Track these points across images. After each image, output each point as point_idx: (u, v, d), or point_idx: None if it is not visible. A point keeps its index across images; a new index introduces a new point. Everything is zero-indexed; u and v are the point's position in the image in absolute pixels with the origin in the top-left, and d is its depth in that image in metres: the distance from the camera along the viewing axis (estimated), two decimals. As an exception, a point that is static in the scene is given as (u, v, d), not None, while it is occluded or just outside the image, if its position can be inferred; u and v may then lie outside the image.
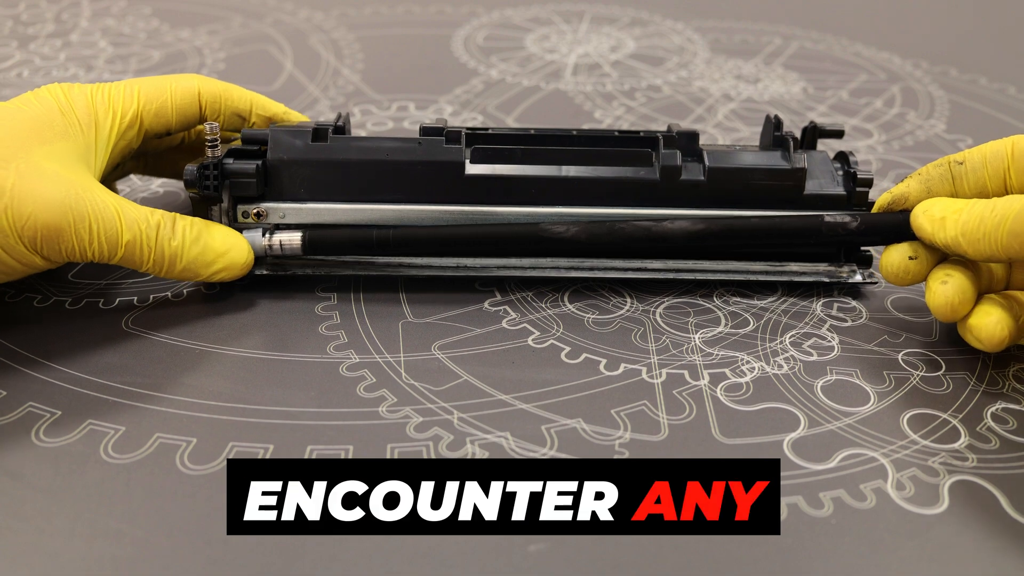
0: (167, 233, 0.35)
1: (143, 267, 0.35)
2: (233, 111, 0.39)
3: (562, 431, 0.32)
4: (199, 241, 0.36)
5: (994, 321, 0.33)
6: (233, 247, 0.37)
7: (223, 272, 0.37)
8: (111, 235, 0.33)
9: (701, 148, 0.40)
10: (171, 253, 0.35)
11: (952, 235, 0.33)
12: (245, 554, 0.27)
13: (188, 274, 0.36)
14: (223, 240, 0.36)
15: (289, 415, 0.32)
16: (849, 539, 0.28)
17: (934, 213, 0.34)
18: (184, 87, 0.38)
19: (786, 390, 0.35)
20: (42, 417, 0.32)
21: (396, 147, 0.39)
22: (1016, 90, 0.66)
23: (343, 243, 0.38)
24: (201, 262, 0.36)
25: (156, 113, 0.38)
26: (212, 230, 0.36)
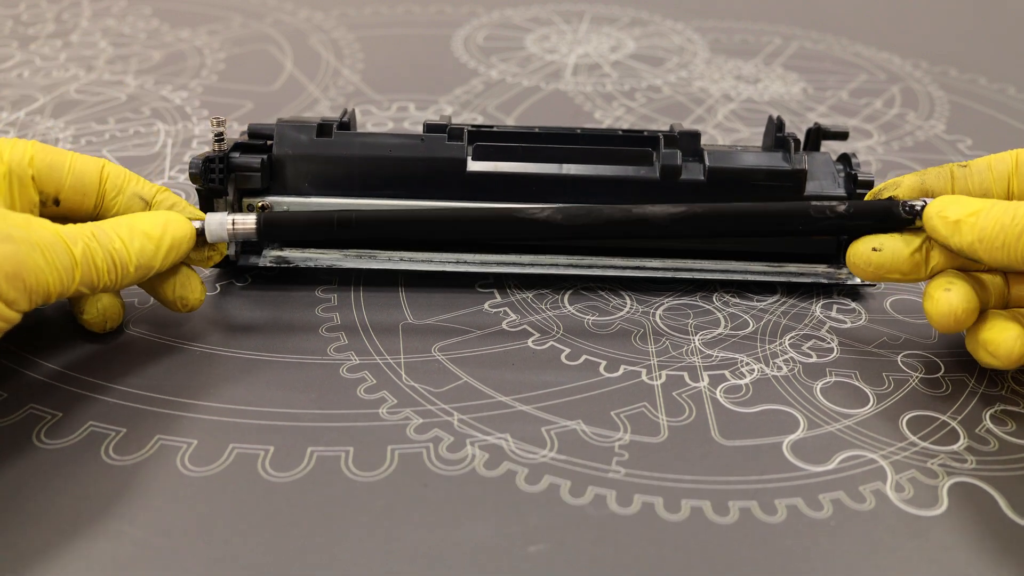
0: (105, 238, 0.31)
1: (100, 283, 0.31)
2: (135, 192, 0.35)
3: (562, 433, 0.32)
4: (135, 234, 0.32)
5: (1013, 337, 0.32)
6: (168, 224, 0.33)
7: (172, 252, 0.33)
8: (64, 259, 0.29)
9: (702, 148, 0.40)
10: (119, 255, 0.31)
11: (968, 241, 0.31)
12: (245, 554, 0.27)
13: (142, 271, 0.32)
14: (154, 223, 0.33)
15: (290, 416, 0.32)
16: (848, 541, 0.28)
17: (948, 215, 0.32)
18: (87, 157, 0.34)
19: (785, 392, 0.35)
20: (43, 419, 0.32)
21: (399, 143, 0.39)
22: (1016, 90, 0.66)
23: (300, 226, 0.36)
24: (146, 253, 0.32)
25: (50, 165, 0.33)
26: (141, 219, 0.33)
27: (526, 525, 0.28)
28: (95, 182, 0.34)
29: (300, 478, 0.30)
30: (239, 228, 0.35)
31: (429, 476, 0.30)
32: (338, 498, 0.29)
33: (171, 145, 0.53)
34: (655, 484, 0.30)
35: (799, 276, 0.41)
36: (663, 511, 0.29)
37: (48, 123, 0.55)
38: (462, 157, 0.39)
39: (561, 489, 0.30)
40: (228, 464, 0.30)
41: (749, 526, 0.28)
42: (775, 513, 0.29)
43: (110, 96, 0.60)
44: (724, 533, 0.28)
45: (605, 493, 0.29)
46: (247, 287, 0.40)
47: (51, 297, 0.29)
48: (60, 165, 0.33)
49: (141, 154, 0.52)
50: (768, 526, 0.29)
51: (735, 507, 0.29)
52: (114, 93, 0.60)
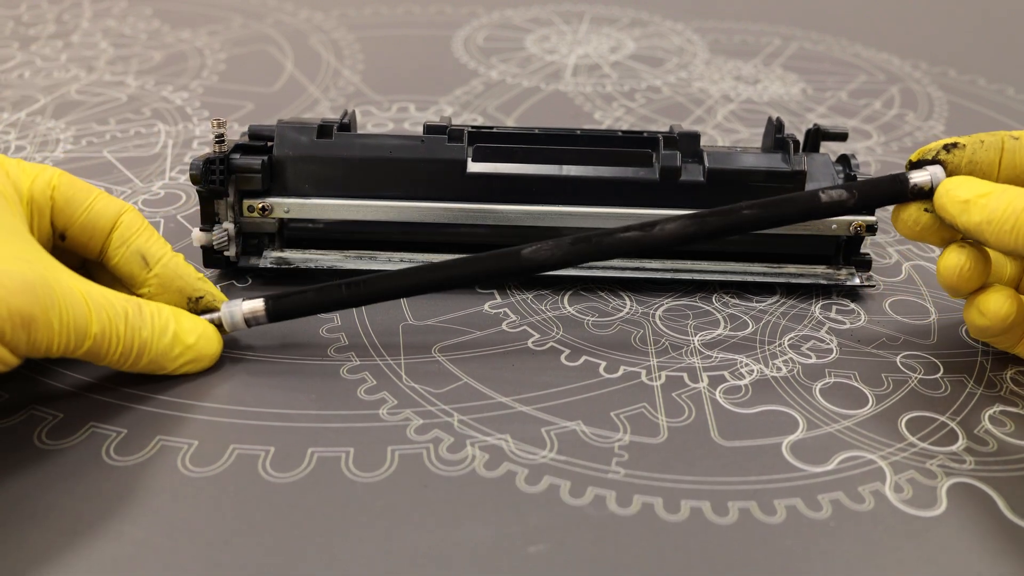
0: (136, 323, 0.31)
1: (106, 359, 0.30)
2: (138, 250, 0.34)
3: (562, 433, 0.32)
4: (167, 331, 0.32)
5: (1002, 296, 0.32)
6: (202, 337, 0.33)
7: (191, 364, 0.33)
8: (80, 325, 0.28)
9: (702, 149, 0.40)
10: (139, 345, 0.31)
11: (976, 221, 0.31)
12: (245, 555, 0.27)
13: (154, 366, 0.32)
14: (191, 330, 0.33)
15: (290, 417, 0.32)
16: (847, 541, 0.28)
17: (958, 195, 0.32)
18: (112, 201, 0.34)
19: (785, 393, 0.35)
20: (44, 420, 0.32)
21: (399, 144, 0.40)
22: (1015, 91, 0.66)
23: (307, 304, 0.35)
24: (169, 355, 0.32)
25: (68, 200, 0.33)
26: (181, 318, 0.33)
27: (526, 526, 0.28)
28: (105, 230, 0.33)
29: (300, 479, 0.30)
30: (248, 315, 0.34)
31: (429, 477, 0.30)
32: (338, 499, 0.29)
33: (172, 146, 0.53)
34: (655, 485, 0.30)
35: (798, 277, 0.41)
36: (663, 512, 0.29)
37: (49, 124, 0.55)
38: (462, 158, 0.39)
39: (561, 490, 0.30)
40: (229, 465, 0.30)
41: (748, 526, 0.29)
42: (774, 514, 0.29)
43: (111, 97, 0.60)
44: (723, 533, 0.28)
45: (605, 494, 0.30)
46: (247, 288, 0.40)
47: (51, 354, 0.29)
48: (78, 203, 0.33)
49: (141, 155, 0.52)
50: (767, 526, 0.29)
51: (734, 507, 0.29)
52: (115, 94, 0.60)
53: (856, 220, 0.39)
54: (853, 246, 0.41)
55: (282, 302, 0.35)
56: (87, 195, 0.33)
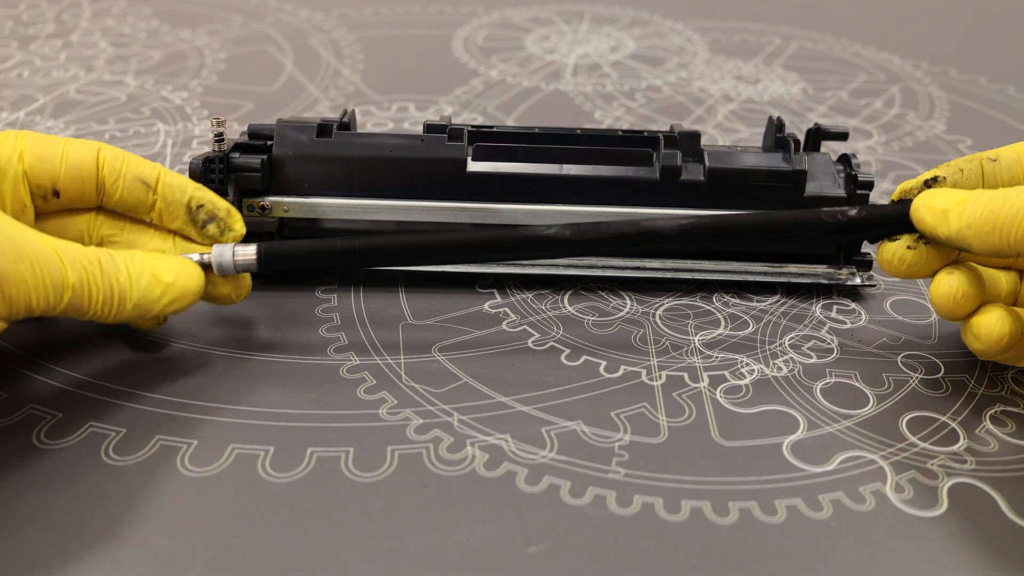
0: (111, 268, 0.30)
1: (90, 311, 0.30)
2: (136, 176, 0.34)
3: (562, 433, 0.32)
4: (143, 273, 0.31)
5: (995, 318, 0.32)
6: (180, 274, 0.32)
7: (176, 302, 0.32)
8: (55, 277, 0.28)
9: (702, 149, 0.40)
10: (119, 290, 0.30)
11: (956, 228, 0.31)
12: (245, 555, 0.27)
13: (139, 311, 0.31)
14: (168, 268, 0.32)
15: (290, 417, 0.32)
16: (848, 541, 0.28)
17: (935, 204, 0.32)
18: (82, 143, 0.33)
19: (785, 392, 0.35)
20: (43, 419, 0.32)
21: (399, 144, 0.40)
22: (1016, 90, 0.66)
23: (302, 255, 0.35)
24: (150, 296, 0.31)
25: (41, 157, 0.32)
26: (155, 260, 0.32)
27: (526, 526, 0.28)
28: (92, 168, 0.33)
29: (300, 478, 0.30)
30: (239, 259, 0.34)
31: (429, 477, 0.30)
32: (338, 499, 0.29)
33: (171, 145, 0.53)
34: (655, 484, 0.30)
35: (799, 277, 0.41)
36: (663, 511, 0.29)
37: (48, 123, 0.55)
38: (462, 157, 0.39)
39: (561, 490, 0.30)
40: (228, 464, 0.30)
41: (749, 526, 0.29)
42: (775, 514, 0.29)
43: (110, 96, 0.60)
44: (724, 533, 0.28)
45: (605, 494, 0.30)
46: (247, 287, 0.40)
47: (33, 313, 0.28)
48: (52, 156, 0.32)
49: (141, 154, 0.51)
50: (768, 526, 0.29)
51: (735, 507, 0.29)
52: (114, 93, 0.60)
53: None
54: (854, 246, 0.41)
55: (276, 251, 0.34)
56: (56, 145, 0.33)
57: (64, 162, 0.33)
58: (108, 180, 0.33)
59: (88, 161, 0.33)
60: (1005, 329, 0.32)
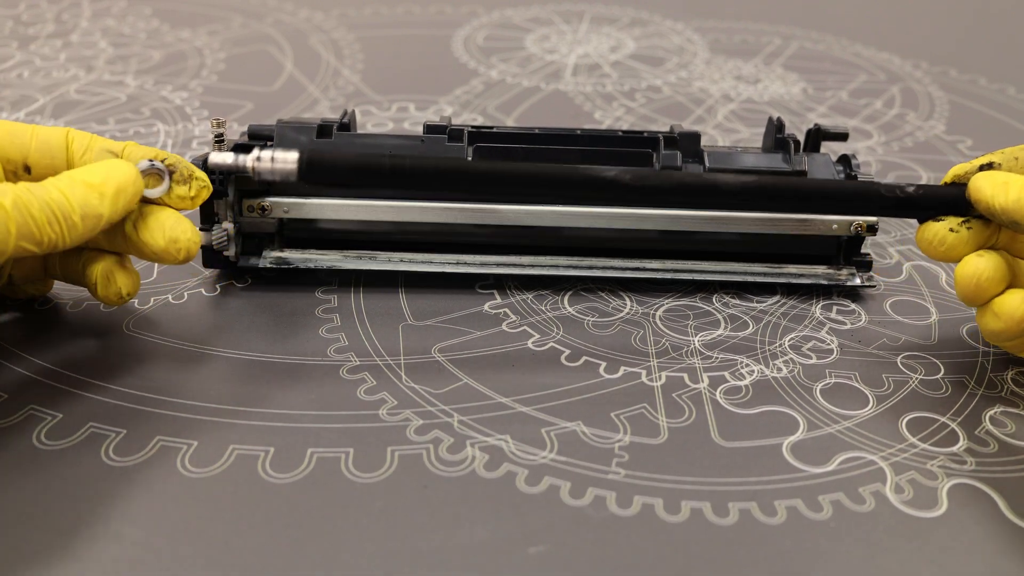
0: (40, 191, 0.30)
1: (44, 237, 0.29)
2: (103, 147, 0.34)
3: (562, 434, 0.32)
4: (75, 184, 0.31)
5: (1019, 299, 0.32)
6: (110, 170, 0.32)
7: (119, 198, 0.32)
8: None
9: (702, 149, 0.40)
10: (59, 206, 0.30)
11: (1015, 198, 0.31)
12: (245, 556, 0.27)
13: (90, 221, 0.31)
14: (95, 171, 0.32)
15: (290, 418, 0.32)
16: (848, 542, 0.28)
17: (997, 178, 0.33)
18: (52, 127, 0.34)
19: (785, 393, 0.35)
20: (43, 420, 0.32)
21: (399, 144, 0.40)
22: (1016, 90, 0.66)
23: (348, 169, 0.33)
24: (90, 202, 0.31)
25: (11, 132, 0.33)
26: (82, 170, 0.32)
27: (526, 526, 0.28)
28: (62, 145, 0.33)
29: (300, 479, 0.30)
30: (277, 166, 0.32)
31: (429, 477, 0.30)
32: (338, 499, 0.29)
33: (171, 146, 0.53)
34: (655, 485, 0.30)
35: (799, 277, 0.41)
36: (663, 512, 0.29)
37: (48, 123, 0.55)
38: (462, 158, 0.39)
39: (561, 490, 0.30)
40: (228, 465, 0.30)
41: (749, 527, 0.29)
42: (775, 514, 0.29)
43: (110, 96, 0.60)
44: (724, 534, 0.28)
45: (605, 494, 0.30)
46: (247, 288, 0.40)
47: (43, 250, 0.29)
48: (22, 132, 0.33)
49: (141, 154, 0.52)
50: (768, 527, 0.29)
51: (735, 508, 0.29)
52: (114, 93, 0.60)
53: (857, 220, 0.39)
54: (854, 246, 0.41)
55: (319, 159, 0.33)
56: (26, 126, 0.33)
57: (34, 138, 0.33)
58: (76, 154, 0.33)
59: (58, 138, 0.33)
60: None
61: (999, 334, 0.33)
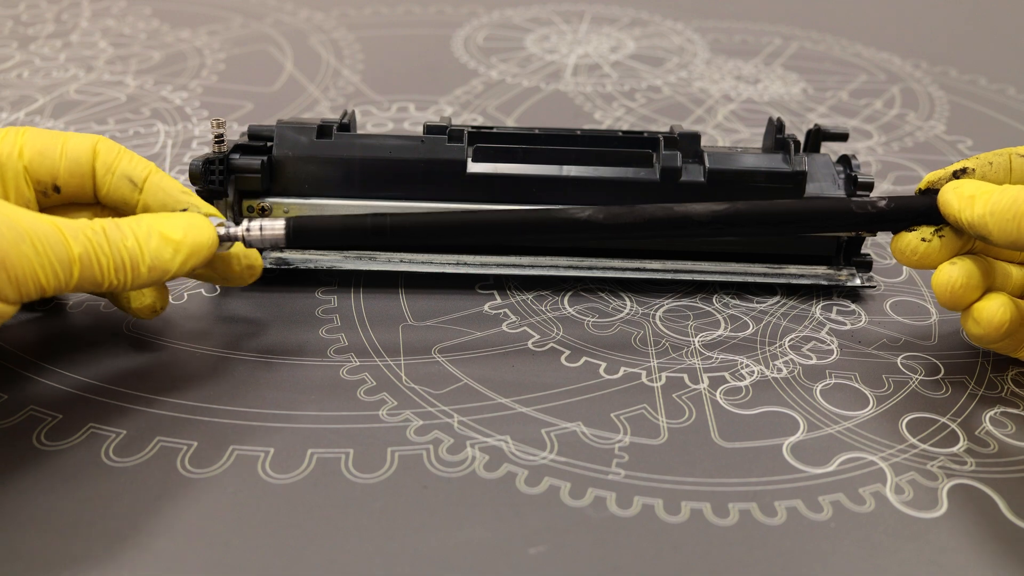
0: (117, 235, 0.30)
1: (104, 281, 0.29)
2: (125, 173, 0.34)
3: (562, 434, 0.32)
4: (152, 234, 0.30)
5: (996, 305, 0.32)
6: (190, 228, 0.31)
7: (191, 258, 0.31)
8: (59, 251, 0.28)
9: (702, 150, 0.40)
10: (129, 255, 0.30)
11: (980, 213, 0.31)
12: (245, 557, 0.27)
13: (156, 273, 0.30)
14: (176, 226, 0.31)
15: (290, 418, 0.32)
16: (848, 543, 0.28)
17: (964, 191, 0.32)
18: (81, 137, 0.34)
19: (785, 394, 0.35)
20: (43, 421, 0.32)
21: (399, 145, 0.40)
22: (1016, 91, 0.66)
23: (333, 231, 0.34)
24: (163, 256, 0.30)
25: (41, 152, 0.32)
26: (161, 220, 0.31)
27: (526, 527, 0.28)
28: (89, 163, 0.33)
29: (300, 480, 0.30)
30: (266, 233, 0.33)
31: (429, 478, 0.30)
32: (338, 500, 0.29)
33: (171, 146, 0.53)
34: (655, 486, 0.30)
35: (799, 278, 0.41)
36: (663, 513, 0.29)
37: (48, 123, 0.55)
38: (462, 159, 0.39)
39: (561, 491, 0.30)
40: (228, 466, 0.30)
41: (749, 528, 0.29)
42: (775, 515, 0.29)
43: (110, 96, 0.60)
44: (724, 535, 0.28)
45: (605, 495, 0.30)
46: (247, 289, 0.40)
47: (45, 291, 0.28)
48: (52, 151, 0.33)
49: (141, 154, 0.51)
50: (768, 528, 0.29)
51: (735, 509, 0.29)
52: (114, 93, 0.60)
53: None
54: (854, 247, 0.41)
55: (304, 225, 0.33)
56: (56, 140, 0.33)
57: (64, 157, 0.33)
58: (99, 174, 0.33)
59: (86, 155, 0.33)
60: (1006, 316, 0.32)
61: (981, 339, 0.33)
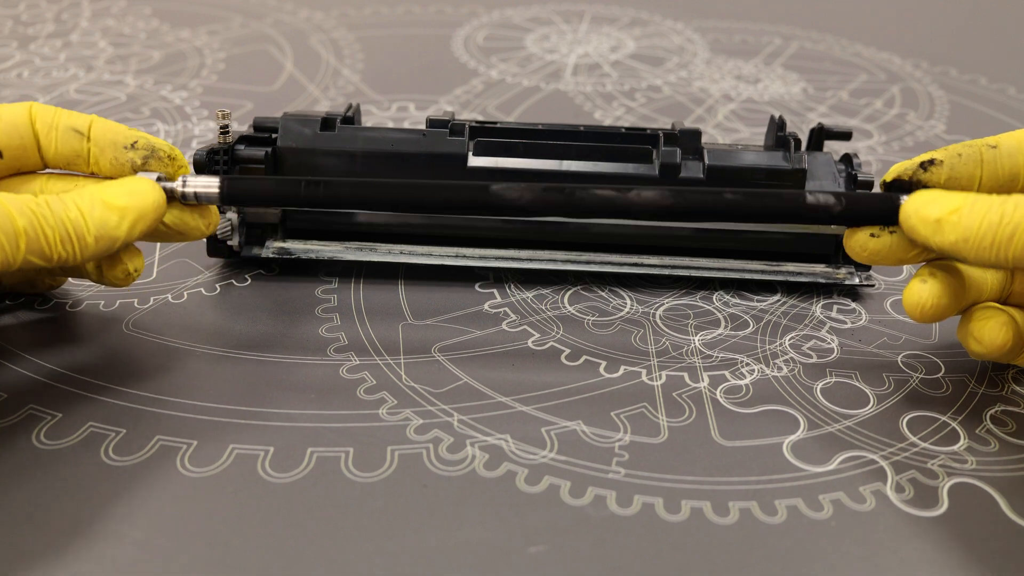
0: (60, 207, 0.29)
1: (53, 254, 0.29)
2: (69, 125, 0.33)
3: (562, 433, 0.32)
4: (95, 204, 0.30)
5: (999, 324, 0.31)
6: (133, 195, 0.31)
7: (140, 223, 0.31)
8: (5, 225, 0.27)
9: (702, 146, 0.40)
10: (74, 227, 0.29)
11: (951, 240, 0.29)
12: (245, 556, 0.27)
13: (104, 243, 0.30)
14: (117, 192, 0.31)
15: (289, 417, 0.32)
16: (848, 541, 0.28)
17: (927, 214, 0.30)
18: (15, 104, 0.33)
19: (786, 392, 0.35)
20: (43, 419, 0.32)
21: (401, 138, 0.40)
22: (1016, 90, 0.66)
23: (264, 190, 0.34)
24: (108, 224, 0.30)
25: None
26: (104, 188, 0.31)
27: (526, 526, 0.28)
28: (27, 123, 0.33)
29: (300, 479, 0.30)
30: (200, 189, 0.33)
31: (429, 477, 0.30)
32: (338, 499, 0.29)
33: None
34: (655, 485, 0.30)
35: (797, 275, 0.41)
36: (663, 512, 0.29)
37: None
38: (463, 152, 0.40)
39: (561, 490, 0.30)
40: (228, 465, 0.30)
41: (749, 527, 0.28)
42: (775, 514, 0.29)
43: (110, 96, 0.60)
44: (724, 534, 0.28)
45: (605, 494, 0.29)
46: (247, 287, 0.40)
47: None
48: None
49: (141, 154, 0.52)
50: (768, 527, 0.29)
51: (735, 508, 0.29)
52: (114, 93, 0.60)
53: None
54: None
55: (238, 183, 0.33)
56: None
57: (0, 121, 0.33)
58: (42, 133, 0.33)
59: (22, 118, 0.33)
60: (1008, 335, 0.31)
61: (982, 356, 0.33)
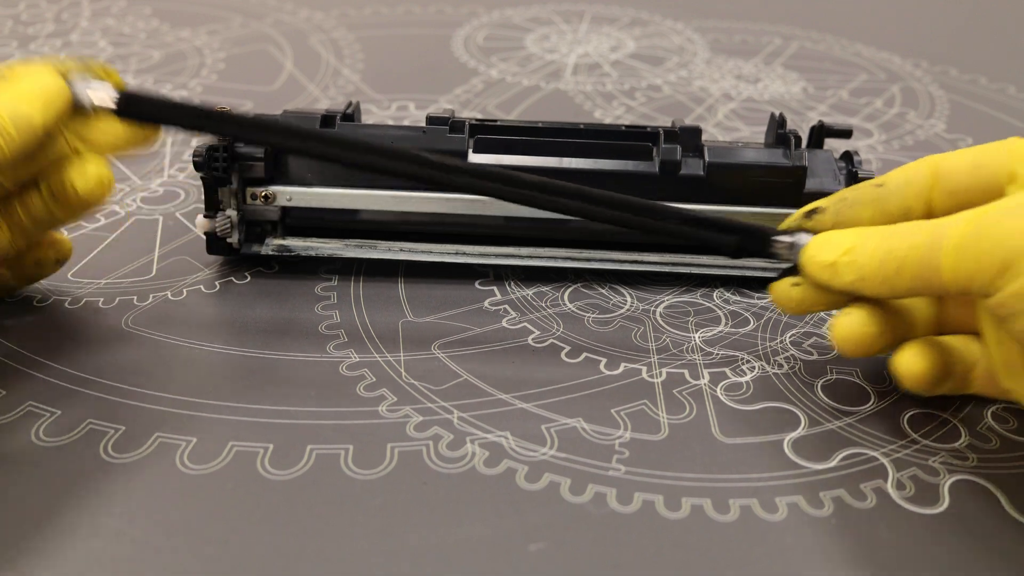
0: None
1: None
2: None
3: (562, 430, 0.32)
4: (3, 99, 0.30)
5: (910, 355, 0.30)
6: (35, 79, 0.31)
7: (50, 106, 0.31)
8: None
9: (703, 144, 0.40)
10: None
11: (849, 281, 0.29)
12: (244, 553, 0.27)
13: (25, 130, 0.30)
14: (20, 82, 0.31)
15: (289, 414, 0.32)
16: (849, 539, 0.28)
17: (822, 259, 0.30)
18: None
19: (786, 389, 0.35)
20: (42, 416, 0.32)
21: (401, 135, 0.40)
22: (1016, 90, 0.66)
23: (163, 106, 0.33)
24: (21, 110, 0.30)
25: None
26: (8, 85, 0.31)
27: (526, 523, 0.28)
28: None
29: (299, 476, 0.30)
30: (95, 93, 0.32)
31: (429, 474, 0.30)
32: (337, 496, 0.29)
33: (170, 144, 0.53)
34: (655, 482, 0.30)
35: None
36: (663, 509, 0.29)
37: (47, 122, 0.55)
38: (463, 149, 0.40)
39: (561, 487, 0.30)
40: (227, 462, 0.30)
41: (750, 524, 0.28)
42: (776, 511, 0.29)
43: (110, 95, 0.60)
44: (725, 531, 0.28)
45: (605, 491, 0.29)
46: (246, 284, 0.40)
47: None
48: None
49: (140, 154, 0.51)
50: (769, 524, 0.28)
51: (736, 505, 0.29)
52: (114, 92, 0.60)
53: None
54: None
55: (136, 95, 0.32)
56: None
57: None
58: None
59: None
60: (925, 364, 0.30)
61: (915, 390, 0.31)
